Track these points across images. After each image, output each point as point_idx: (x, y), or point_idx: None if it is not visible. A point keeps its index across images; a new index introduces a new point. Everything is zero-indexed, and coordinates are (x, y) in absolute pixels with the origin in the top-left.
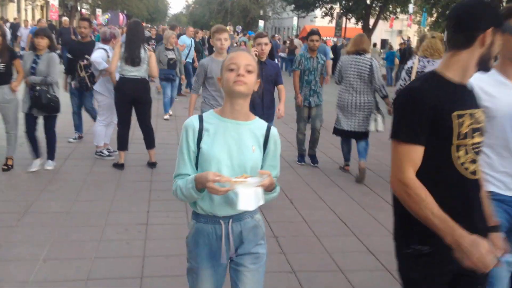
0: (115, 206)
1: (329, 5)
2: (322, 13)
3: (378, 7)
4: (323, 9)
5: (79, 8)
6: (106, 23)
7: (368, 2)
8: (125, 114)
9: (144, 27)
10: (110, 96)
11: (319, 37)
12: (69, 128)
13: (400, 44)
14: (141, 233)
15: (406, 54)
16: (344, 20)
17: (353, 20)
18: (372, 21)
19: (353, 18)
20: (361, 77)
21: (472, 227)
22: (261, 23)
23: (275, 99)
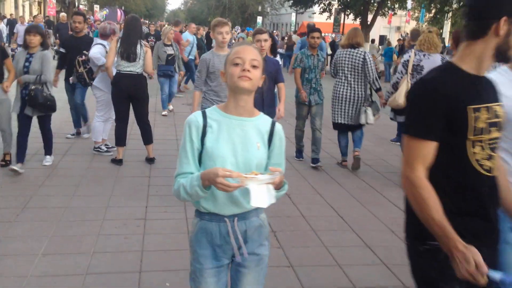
0: (114, 202)
1: (327, 1)
2: (320, 9)
3: (377, 3)
4: (321, 5)
5: (77, 4)
6: (104, 19)
7: None
8: (123, 110)
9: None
10: (109, 92)
11: (320, 34)
12: (67, 124)
13: (398, 40)
14: (140, 228)
15: (404, 50)
16: (343, 16)
17: (351, 16)
18: (370, 17)
19: (351, 14)
20: (355, 70)
21: (487, 226)
22: (259, 19)
23: (276, 97)
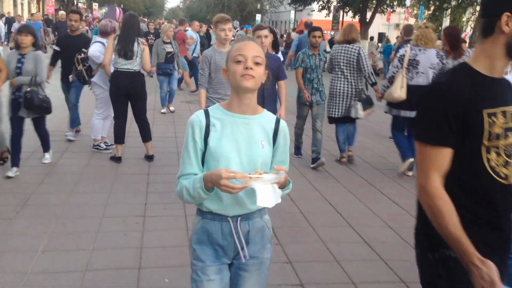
0: (113, 199)
1: None
2: (319, 7)
3: (375, 0)
4: (320, 2)
5: (76, 2)
6: (103, 17)
7: None
8: (121, 108)
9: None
10: (108, 89)
11: (321, 33)
12: (66, 122)
13: (397, 38)
14: (139, 225)
15: (398, 46)
16: (341, 14)
17: (350, 14)
18: (369, 15)
19: (350, 12)
20: (351, 65)
21: (499, 235)
22: (258, 17)
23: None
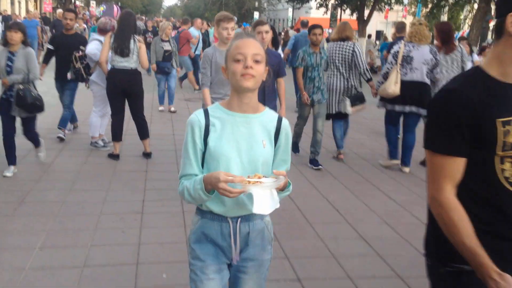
0: (111, 196)
1: None
2: (317, 4)
3: None
4: (318, 0)
5: (73, 0)
6: (101, 15)
7: None
8: (118, 105)
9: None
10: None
11: (322, 31)
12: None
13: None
14: (137, 222)
15: (391, 43)
16: (339, 11)
17: (348, 11)
18: (367, 12)
19: (348, 9)
20: (346, 62)
21: None
22: (256, 15)
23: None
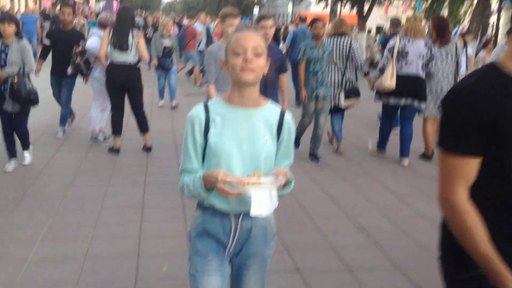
0: (111, 190)
1: None
2: (317, 0)
3: None
4: None
5: None
6: (101, 10)
7: None
8: (118, 100)
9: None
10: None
11: (323, 24)
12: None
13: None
14: (137, 215)
15: (387, 37)
16: (339, 6)
17: (348, 6)
18: (367, 7)
19: (348, 4)
20: (343, 56)
21: None
22: (256, 10)
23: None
